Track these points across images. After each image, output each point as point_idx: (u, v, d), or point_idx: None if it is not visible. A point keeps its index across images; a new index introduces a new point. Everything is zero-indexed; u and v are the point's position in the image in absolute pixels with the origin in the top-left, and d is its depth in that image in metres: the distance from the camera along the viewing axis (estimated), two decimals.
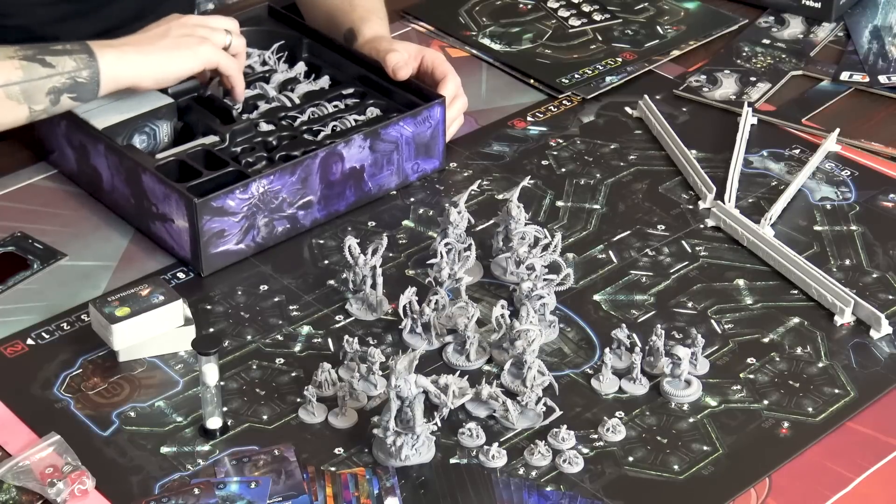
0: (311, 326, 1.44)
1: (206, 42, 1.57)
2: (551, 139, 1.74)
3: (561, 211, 1.61)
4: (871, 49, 1.90)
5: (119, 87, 1.54)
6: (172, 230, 1.50)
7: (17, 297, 1.48)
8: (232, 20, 1.63)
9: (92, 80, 1.51)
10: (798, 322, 1.45)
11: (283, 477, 1.26)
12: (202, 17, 1.62)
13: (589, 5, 2.02)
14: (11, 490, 1.25)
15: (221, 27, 1.60)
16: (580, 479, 1.27)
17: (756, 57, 1.90)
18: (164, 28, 1.58)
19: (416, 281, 1.50)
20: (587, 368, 1.39)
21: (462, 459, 1.29)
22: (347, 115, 1.64)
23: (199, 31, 1.58)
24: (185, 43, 1.56)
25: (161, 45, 1.56)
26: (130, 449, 1.30)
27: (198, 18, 1.61)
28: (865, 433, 1.32)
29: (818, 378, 1.38)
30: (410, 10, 2.00)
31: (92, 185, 1.61)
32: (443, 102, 1.63)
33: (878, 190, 1.65)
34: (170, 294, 1.39)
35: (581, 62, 1.88)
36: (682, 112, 1.79)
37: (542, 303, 1.42)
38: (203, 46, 1.57)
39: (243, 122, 1.61)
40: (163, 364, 1.39)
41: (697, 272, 1.52)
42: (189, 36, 1.57)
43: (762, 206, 1.61)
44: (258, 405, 1.35)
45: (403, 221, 1.60)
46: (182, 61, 1.56)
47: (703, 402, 1.35)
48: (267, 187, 1.50)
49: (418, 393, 1.25)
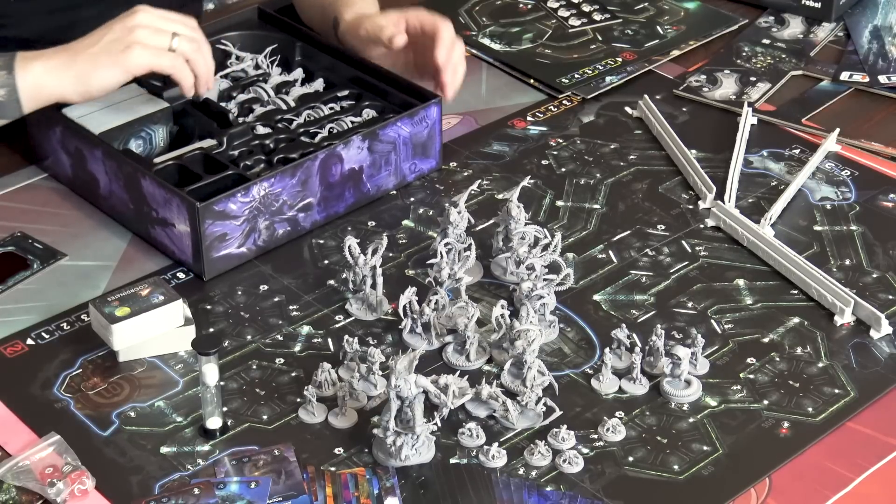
0: (311, 326, 1.44)
1: (133, 48, 1.48)
2: (551, 139, 1.74)
3: (561, 211, 1.61)
4: (871, 49, 1.90)
5: (47, 102, 1.50)
6: (173, 234, 1.50)
7: (17, 297, 1.48)
8: (188, 18, 1.54)
9: (10, 97, 1.47)
10: (798, 322, 1.45)
11: (283, 477, 1.26)
12: (151, 16, 1.51)
13: (589, 5, 2.02)
14: (11, 490, 1.25)
15: (168, 29, 1.50)
16: (580, 479, 1.27)
17: (756, 57, 1.90)
18: (101, 32, 1.50)
19: (416, 281, 1.50)
20: (587, 368, 1.39)
21: (462, 459, 1.29)
22: (344, 117, 1.64)
23: (137, 33, 1.49)
24: (113, 50, 1.48)
25: (88, 55, 1.48)
26: (130, 449, 1.30)
27: (145, 16, 1.51)
28: (865, 433, 1.32)
29: (818, 378, 1.38)
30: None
31: (88, 191, 1.60)
32: (439, 102, 1.63)
33: (878, 190, 1.65)
34: (170, 294, 1.39)
35: (581, 62, 1.88)
36: (682, 112, 1.79)
37: (542, 303, 1.42)
38: (130, 54, 1.48)
39: (240, 125, 1.61)
40: (163, 364, 1.39)
41: (697, 272, 1.52)
42: (118, 41, 1.48)
43: (762, 206, 1.61)
44: (258, 405, 1.35)
45: (403, 221, 1.60)
46: (105, 74, 1.48)
47: (703, 402, 1.35)
48: (268, 190, 1.50)
49: (418, 393, 1.25)
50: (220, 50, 1.75)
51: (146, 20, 1.50)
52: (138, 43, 1.49)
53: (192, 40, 1.52)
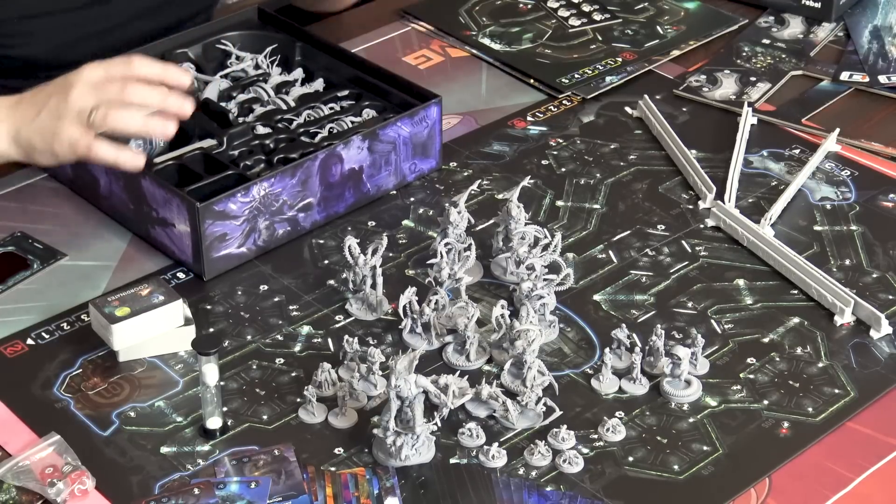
0: (311, 326, 1.44)
1: (59, 138, 1.44)
2: (551, 139, 1.74)
3: (561, 211, 1.61)
4: (871, 49, 1.90)
5: None
6: (173, 235, 1.50)
7: (17, 297, 1.48)
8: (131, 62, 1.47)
9: None
10: (798, 322, 1.45)
11: (283, 477, 1.26)
12: (83, 88, 1.44)
13: (589, 5, 2.02)
14: (11, 490, 1.25)
15: (90, 104, 1.43)
16: (580, 479, 1.27)
17: (756, 57, 1.90)
18: (41, 101, 1.45)
19: (416, 281, 1.50)
20: (587, 368, 1.39)
21: (462, 459, 1.29)
22: (344, 117, 1.64)
23: (64, 122, 1.43)
24: (45, 133, 1.45)
25: (31, 129, 1.46)
26: (130, 449, 1.30)
27: (77, 92, 1.43)
28: (865, 433, 1.32)
29: (818, 378, 1.38)
30: (410, 10, 2.00)
31: (88, 191, 1.60)
32: (439, 102, 1.63)
33: (878, 190, 1.65)
34: (170, 294, 1.39)
35: (581, 62, 1.88)
36: (682, 112, 1.79)
37: (542, 303, 1.42)
38: (57, 149, 1.45)
39: (240, 125, 1.61)
40: (163, 364, 1.39)
41: (697, 272, 1.52)
42: (49, 128, 1.44)
43: (762, 206, 1.61)
44: (258, 405, 1.35)
45: (403, 221, 1.60)
46: (41, 158, 1.47)
47: (703, 402, 1.35)
48: (268, 190, 1.50)
49: (418, 393, 1.25)
50: (220, 50, 1.75)
51: (76, 97, 1.44)
52: (62, 135, 1.44)
53: (115, 103, 1.44)
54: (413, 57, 1.91)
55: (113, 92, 1.43)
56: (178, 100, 1.46)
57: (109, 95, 1.43)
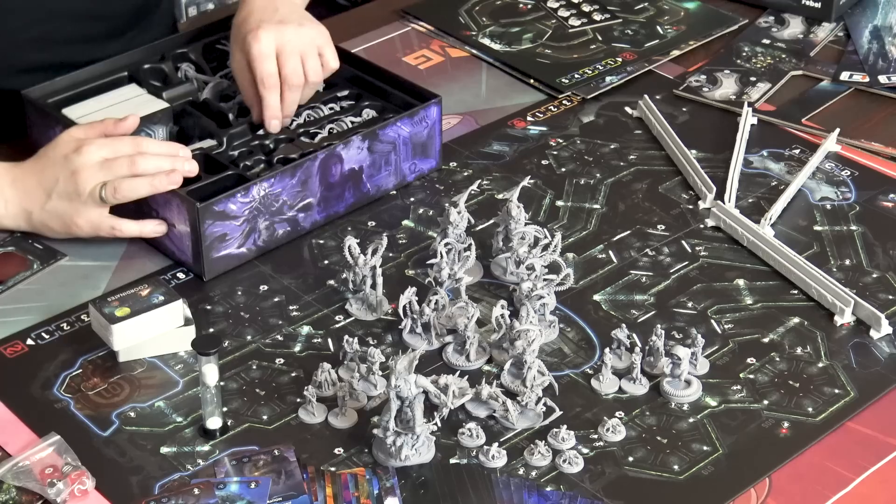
0: (311, 326, 1.44)
1: (76, 222, 1.49)
2: (551, 139, 1.74)
3: (561, 211, 1.61)
4: (871, 49, 1.90)
5: None
6: (173, 235, 1.50)
7: (17, 297, 1.48)
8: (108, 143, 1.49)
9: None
10: (798, 322, 1.45)
11: (283, 477, 1.26)
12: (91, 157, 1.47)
13: (589, 5, 2.02)
14: (11, 490, 1.25)
15: (98, 184, 1.46)
16: (580, 479, 1.27)
17: (756, 57, 1.90)
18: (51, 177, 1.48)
19: (416, 281, 1.50)
20: (587, 368, 1.39)
21: (462, 459, 1.29)
22: (344, 117, 1.64)
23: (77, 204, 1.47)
24: (66, 215, 1.49)
25: (47, 214, 1.50)
26: (130, 449, 1.30)
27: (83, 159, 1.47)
28: (865, 433, 1.32)
29: (818, 378, 1.38)
30: (410, 10, 2.00)
31: None
32: (439, 102, 1.63)
33: (878, 190, 1.65)
34: (170, 294, 1.39)
35: (581, 62, 1.88)
36: (682, 112, 1.79)
37: (542, 303, 1.42)
38: (79, 226, 1.49)
39: (240, 125, 1.61)
40: (163, 364, 1.39)
41: (697, 272, 1.52)
42: (70, 202, 1.48)
43: (762, 206, 1.61)
44: (258, 405, 1.35)
45: (403, 221, 1.60)
46: (54, 233, 1.51)
47: (703, 402, 1.35)
48: (268, 190, 1.50)
49: (418, 393, 1.25)
50: (220, 50, 1.75)
51: (85, 180, 1.47)
52: (79, 220, 1.49)
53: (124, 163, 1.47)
54: (413, 57, 1.91)
55: (122, 169, 1.46)
56: (186, 163, 1.49)
57: (119, 172, 1.47)
